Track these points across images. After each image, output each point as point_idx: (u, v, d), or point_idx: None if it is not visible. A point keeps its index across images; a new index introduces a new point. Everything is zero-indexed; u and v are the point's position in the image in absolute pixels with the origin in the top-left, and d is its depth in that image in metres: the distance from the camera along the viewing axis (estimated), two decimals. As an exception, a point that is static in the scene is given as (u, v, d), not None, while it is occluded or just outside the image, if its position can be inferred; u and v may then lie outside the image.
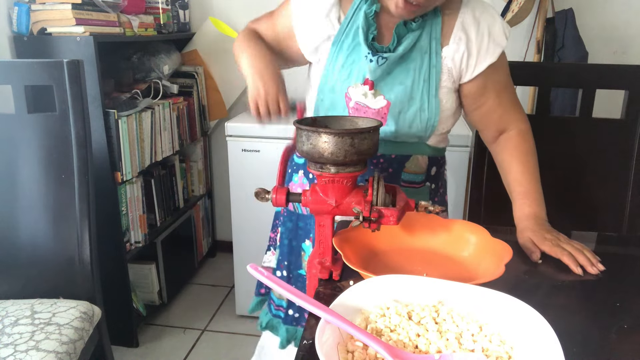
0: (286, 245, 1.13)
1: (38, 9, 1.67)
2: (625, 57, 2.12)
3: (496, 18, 0.97)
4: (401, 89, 0.95)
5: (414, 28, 0.95)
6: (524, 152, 1.00)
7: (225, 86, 2.40)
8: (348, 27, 0.97)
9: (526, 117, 1.05)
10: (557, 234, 0.88)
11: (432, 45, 0.95)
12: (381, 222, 0.74)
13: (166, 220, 2.18)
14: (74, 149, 1.24)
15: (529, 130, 1.04)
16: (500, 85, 1.01)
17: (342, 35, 0.98)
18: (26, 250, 1.28)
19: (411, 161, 1.04)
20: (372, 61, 0.94)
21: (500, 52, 0.97)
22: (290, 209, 1.12)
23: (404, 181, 1.05)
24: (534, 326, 0.56)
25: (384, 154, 1.02)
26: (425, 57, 0.95)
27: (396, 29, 0.95)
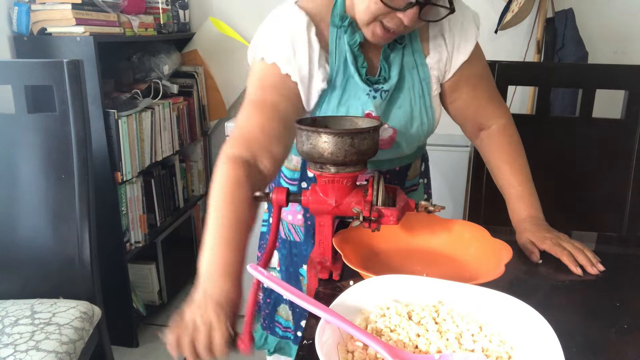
0: (284, 271, 1.11)
1: (38, 9, 1.67)
2: (625, 57, 2.12)
3: (465, 12, 0.94)
4: (401, 112, 0.94)
5: (398, 49, 0.92)
6: (508, 152, 0.98)
7: (225, 86, 2.39)
8: (336, 63, 0.90)
9: (506, 111, 1.02)
10: (558, 233, 0.88)
11: (417, 59, 0.93)
12: (381, 222, 0.74)
13: (166, 220, 2.18)
14: (74, 149, 1.24)
15: (509, 124, 1.01)
16: (475, 79, 0.98)
17: (333, 73, 0.91)
18: (26, 250, 1.28)
19: (411, 169, 1.05)
20: (375, 98, 0.90)
21: (471, 48, 0.94)
22: (282, 235, 1.09)
23: (406, 188, 1.06)
24: (534, 326, 0.56)
25: (389, 169, 1.02)
26: (414, 72, 0.93)
27: (383, 54, 0.91)
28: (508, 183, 0.96)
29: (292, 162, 1.04)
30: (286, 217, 1.06)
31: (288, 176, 1.06)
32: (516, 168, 0.96)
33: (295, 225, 1.06)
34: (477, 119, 1.01)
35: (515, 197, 0.95)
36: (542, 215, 0.93)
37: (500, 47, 2.14)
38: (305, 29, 0.87)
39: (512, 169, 0.97)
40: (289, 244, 1.08)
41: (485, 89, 1.00)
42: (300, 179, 1.04)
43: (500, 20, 1.99)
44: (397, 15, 0.80)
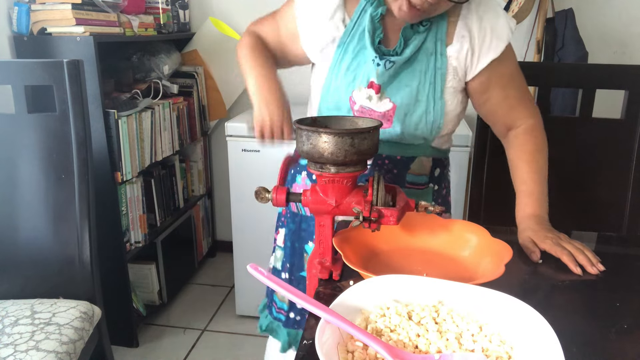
0: (289, 247, 1.12)
1: (38, 9, 1.67)
2: (625, 57, 2.12)
3: (499, 12, 0.96)
4: (407, 91, 0.95)
5: (421, 31, 0.94)
6: (530, 151, 1.00)
7: (225, 86, 2.40)
8: (353, 29, 0.97)
9: (535, 111, 1.03)
10: (558, 234, 0.88)
11: (437, 47, 0.95)
12: (381, 222, 0.74)
13: (166, 220, 2.18)
14: (74, 149, 1.24)
15: (537, 125, 1.02)
16: (505, 80, 0.99)
17: (347, 37, 0.97)
18: (26, 250, 1.28)
19: (416, 163, 1.04)
20: (379, 65, 0.93)
21: (503, 47, 0.96)
22: (294, 210, 1.11)
23: (408, 182, 1.05)
24: (534, 326, 0.56)
25: (389, 155, 1.02)
26: (430, 58, 0.95)
27: (403, 32, 0.94)
28: (521, 180, 0.98)
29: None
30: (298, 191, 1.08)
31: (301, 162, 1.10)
32: (533, 167, 0.98)
33: None
34: (507, 120, 1.03)
35: (525, 193, 0.96)
36: (547, 216, 0.93)
37: (500, 47, 2.13)
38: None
39: (530, 167, 0.98)
40: (299, 218, 1.10)
41: (517, 90, 1.01)
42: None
43: (500, 20, 1.99)
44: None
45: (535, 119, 1.03)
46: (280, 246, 1.17)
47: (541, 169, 0.98)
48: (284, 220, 1.16)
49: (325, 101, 1.01)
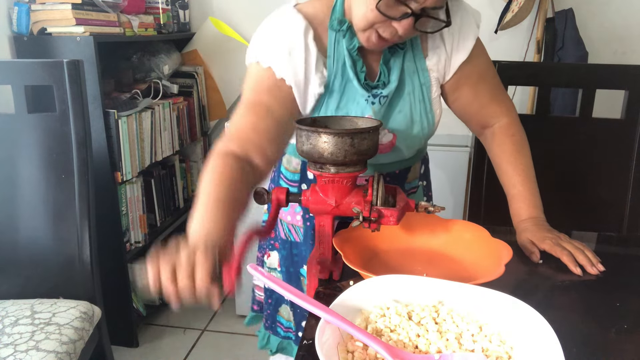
0: (284, 272, 1.11)
1: (38, 9, 1.67)
2: (625, 57, 2.12)
3: (464, 11, 0.93)
4: (401, 116, 0.94)
5: (399, 54, 0.91)
6: (510, 152, 0.98)
7: (225, 86, 2.39)
8: (334, 67, 0.90)
9: (509, 109, 1.01)
10: (558, 234, 0.88)
11: (417, 63, 0.93)
12: (381, 222, 0.74)
13: (166, 220, 2.18)
14: (74, 149, 1.24)
15: (512, 122, 1.00)
16: (475, 78, 0.97)
17: (331, 77, 0.91)
18: (26, 250, 1.28)
19: (411, 171, 1.05)
20: (374, 103, 0.90)
21: (471, 46, 0.93)
22: (282, 236, 1.08)
23: (406, 190, 1.06)
24: (534, 326, 0.56)
25: (389, 173, 1.02)
26: (414, 77, 0.93)
27: (383, 59, 0.91)
28: (509, 183, 0.96)
29: (292, 164, 1.04)
30: (285, 218, 1.06)
31: (288, 178, 1.06)
32: (518, 168, 0.96)
33: (295, 225, 1.06)
34: (480, 118, 1.01)
35: (516, 197, 0.95)
36: (543, 215, 0.93)
37: (500, 47, 2.14)
38: (302, 33, 0.87)
39: (514, 168, 0.96)
40: (289, 244, 1.08)
41: (488, 88, 0.99)
42: (300, 181, 1.04)
43: (500, 20, 1.99)
44: (393, 24, 0.80)
45: (510, 117, 1.00)
46: (277, 269, 1.13)
47: (526, 168, 0.96)
48: (275, 244, 1.12)
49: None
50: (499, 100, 1.00)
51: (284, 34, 0.87)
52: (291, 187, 1.04)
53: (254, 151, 0.82)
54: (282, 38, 0.87)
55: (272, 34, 0.89)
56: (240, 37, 2.24)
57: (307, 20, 0.88)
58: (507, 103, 1.02)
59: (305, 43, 0.87)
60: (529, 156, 0.98)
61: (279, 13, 0.91)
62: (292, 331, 1.13)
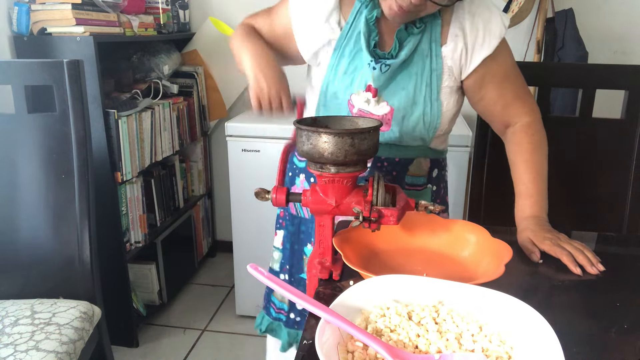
0: (288, 249, 1.12)
1: (38, 9, 1.67)
2: (625, 57, 2.12)
3: (492, 9, 0.96)
4: (404, 94, 0.95)
5: (415, 33, 0.94)
6: (527, 150, 0.99)
7: (225, 86, 2.40)
8: (349, 32, 0.96)
9: (533, 109, 1.02)
10: (558, 234, 0.88)
11: (432, 48, 0.94)
12: (381, 222, 0.74)
13: (166, 220, 2.18)
14: (74, 149, 1.24)
15: (534, 122, 1.01)
16: (500, 77, 0.98)
17: (343, 40, 0.96)
18: (26, 250, 1.28)
19: (414, 164, 1.04)
20: (375, 69, 0.93)
21: (496, 44, 0.95)
22: (293, 212, 1.11)
23: (407, 184, 1.05)
24: (534, 326, 0.56)
25: (388, 157, 1.02)
26: (426, 60, 0.94)
27: (397, 34, 0.94)
28: (520, 180, 0.97)
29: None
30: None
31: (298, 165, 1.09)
32: (531, 166, 0.97)
33: None
34: (503, 117, 1.02)
35: (523, 194, 0.96)
36: (546, 216, 0.93)
37: (500, 47, 2.13)
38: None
39: (527, 167, 0.97)
40: (298, 220, 1.10)
41: (513, 87, 1.00)
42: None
43: (500, 20, 1.99)
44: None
45: (533, 116, 1.02)
46: (279, 248, 1.17)
47: (539, 168, 0.97)
48: (282, 222, 1.16)
49: (323, 104, 1.01)
50: (523, 100, 1.01)
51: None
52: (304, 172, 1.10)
53: None
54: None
55: None
56: None
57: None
58: (530, 103, 1.03)
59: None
60: (545, 156, 0.99)
61: None
62: (283, 312, 1.14)
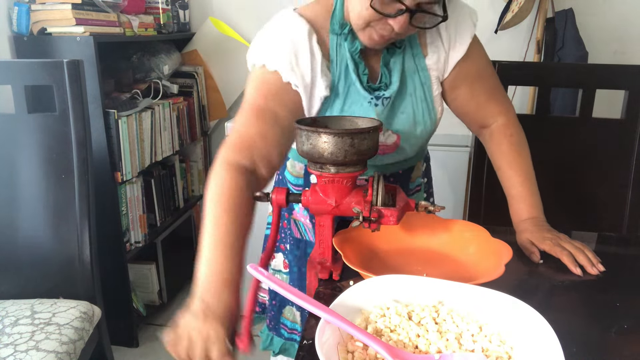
0: (296, 272, 1.10)
1: (38, 9, 1.67)
2: (625, 57, 2.12)
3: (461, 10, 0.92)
4: (404, 117, 0.93)
5: (398, 53, 0.91)
6: (508, 152, 0.97)
7: (225, 86, 2.39)
8: (338, 73, 0.90)
9: (508, 108, 1.00)
10: (557, 234, 0.88)
11: (417, 62, 0.93)
12: (381, 222, 0.74)
13: (166, 220, 2.18)
14: (74, 149, 1.24)
15: (510, 122, 0.99)
16: (472, 77, 0.96)
17: (334, 80, 0.91)
18: (26, 250, 1.28)
19: (414, 171, 1.06)
20: (377, 105, 0.90)
21: (467, 45, 0.93)
22: (297, 236, 1.08)
23: (410, 189, 1.06)
24: (534, 326, 0.56)
25: (393, 173, 1.02)
26: (414, 77, 0.93)
27: (383, 60, 0.91)
28: (509, 184, 0.96)
29: (296, 168, 1.04)
30: (299, 218, 1.07)
31: (292, 182, 1.07)
32: (518, 168, 0.96)
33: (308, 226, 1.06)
34: (478, 117, 1.01)
35: (516, 198, 0.95)
36: (543, 215, 0.93)
37: (500, 47, 2.14)
38: (307, 37, 0.87)
39: (512, 169, 0.96)
40: (304, 243, 1.07)
41: (485, 87, 0.99)
42: (304, 185, 1.04)
43: (500, 20, 1.99)
44: (389, 22, 0.80)
45: (508, 116, 0.99)
46: (284, 271, 1.13)
47: (527, 169, 0.96)
48: (282, 246, 1.12)
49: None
50: (496, 100, 1.00)
51: (288, 38, 0.87)
52: (295, 191, 1.04)
53: (260, 161, 0.82)
54: (287, 42, 0.86)
55: (276, 38, 0.88)
56: (240, 37, 2.23)
57: (310, 24, 0.88)
58: (505, 103, 1.01)
59: (310, 47, 0.87)
60: (528, 156, 0.98)
61: (280, 17, 0.90)
62: (297, 332, 1.13)
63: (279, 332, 1.15)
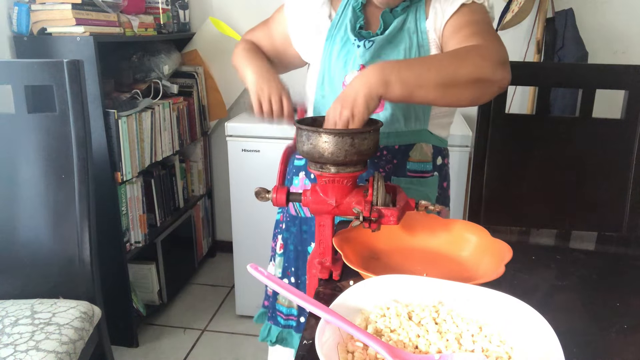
0: (292, 251, 1.11)
1: (38, 9, 1.67)
2: (625, 57, 2.12)
3: None
4: None
5: (399, 13, 0.97)
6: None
7: (225, 86, 2.40)
8: (339, 22, 1.01)
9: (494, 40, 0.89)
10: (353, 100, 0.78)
11: (418, 25, 0.97)
12: (381, 222, 0.74)
13: (166, 220, 2.18)
14: (74, 149, 1.24)
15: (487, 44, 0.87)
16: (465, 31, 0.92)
17: (334, 30, 1.01)
18: (26, 250, 1.28)
19: (415, 150, 1.03)
20: (359, 46, 0.96)
21: (458, 3, 0.93)
22: (293, 212, 1.10)
23: (411, 171, 1.03)
24: (534, 326, 0.56)
25: (387, 146, 1.01)
26: (413, 37, 0.96)
27: (382, 16, 0.98)
28: None
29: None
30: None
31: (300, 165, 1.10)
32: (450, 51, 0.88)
33: None
34: None
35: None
36: (391, 66, 0.80)
37: (500, 47, 2.13)
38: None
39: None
40: (299, 220, 1.09)
41: (472, 29, 0.91)
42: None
43: (500, 20, 1.99)
44: None
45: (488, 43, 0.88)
46: (279, 253, 1.15)
47: (449, 53, 0.86)
48: (282, 226, 1.15)
49: (322, 94, 1.02)
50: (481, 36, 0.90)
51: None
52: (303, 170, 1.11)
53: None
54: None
55: None
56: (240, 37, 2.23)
57: None
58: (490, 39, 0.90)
59: None
60: (468, 62, 0.82)
61: None
62: (293, 317, 1.13)
63: (276, 321, 1.16)
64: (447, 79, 0.80)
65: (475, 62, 0.82)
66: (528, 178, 1.31)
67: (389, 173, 1.02)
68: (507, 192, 1.08)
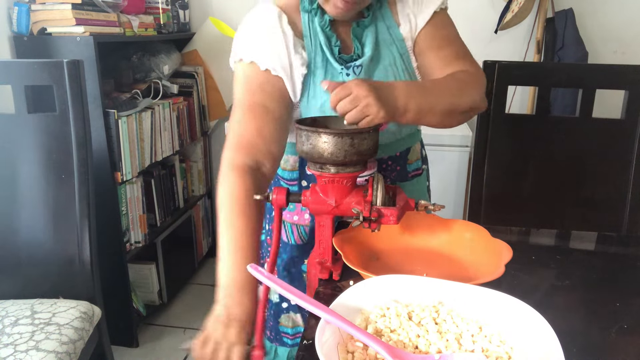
0: (286, 276, 1.08)
1: (38, 9, 1.67)
2: (625, 57, 2.12)
3: None
4: None
5: (367, 24, 0.92)
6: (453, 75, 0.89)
7: (225, 86, 2.40)
8: (313, 45, 0.91)
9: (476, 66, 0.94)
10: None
11: (392, 34, 0.93)
12: (381, 222, 0.74)
13: (166, 220, 2.18)
14: (74, 149, 1.24)
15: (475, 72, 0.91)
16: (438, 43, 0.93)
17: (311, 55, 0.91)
18: (26, 250, 1.28)
19: (411, 152, 1.04)
20: (349, 75, 0.91)
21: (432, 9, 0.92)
22: (284, 239, 1.06)
23: (410, 172, 1.05)
24: (534, 326, 0.56)
25: (390, 156, 1.01)
26: (392, 48, 0.93)
27: (353, 32, 0.92)
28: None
29: (289, 163, 1.03)
30: (291, 218, 1.06)
31: (286, 177, 1.05)
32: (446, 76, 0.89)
33: (300, 225, 1.05)
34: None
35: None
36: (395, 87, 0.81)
37: (500, 47, 2.14)
38: (276, 19, 0.89)
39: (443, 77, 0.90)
40: (290, 247, 1.07)
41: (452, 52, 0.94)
42: (299, 178, 1.03)
43: (500, 20, 1.99)
44: None
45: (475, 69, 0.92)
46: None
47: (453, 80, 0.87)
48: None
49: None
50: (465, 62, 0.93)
51: (258, 26, 0.90)
52: (290, 187, 1.04)
53: (263, 157, 0.84)
54: (258, 30, 0.90)
55: (248, 29, 0.92)
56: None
57: (280, 8, 0.91)
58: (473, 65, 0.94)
59: (281, 27, 0.89)
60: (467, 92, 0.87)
61: (253, 10, 0.94)
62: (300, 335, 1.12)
63: (282, 342, 1.14)
64: (452, 107, 0.85)
65: (472, 92, 0.87)
66: (528, 178, 1.31)
67: (394, 180, 1.03)
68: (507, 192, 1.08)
